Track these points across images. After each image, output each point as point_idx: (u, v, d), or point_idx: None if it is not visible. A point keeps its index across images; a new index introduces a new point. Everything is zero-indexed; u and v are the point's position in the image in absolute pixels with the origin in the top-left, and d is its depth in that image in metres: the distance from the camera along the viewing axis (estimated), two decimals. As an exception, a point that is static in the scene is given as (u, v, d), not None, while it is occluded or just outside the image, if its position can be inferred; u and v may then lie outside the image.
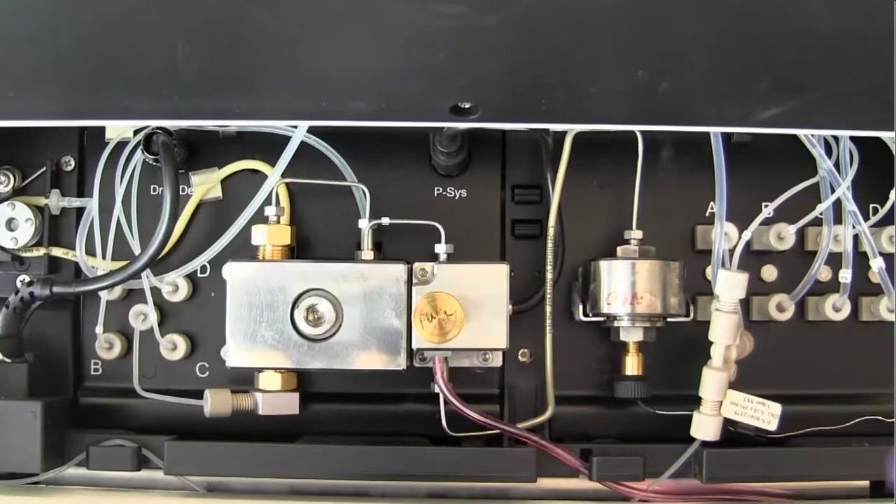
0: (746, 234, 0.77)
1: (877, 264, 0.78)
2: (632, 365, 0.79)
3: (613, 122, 0.73)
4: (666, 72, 0.66)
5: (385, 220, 0.78)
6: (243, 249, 0.79)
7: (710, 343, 0.76)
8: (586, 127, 0.77)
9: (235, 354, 0.75)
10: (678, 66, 0.66)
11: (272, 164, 0.79)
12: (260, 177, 0.81)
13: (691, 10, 0.62)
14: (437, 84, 0.67)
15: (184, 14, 0.62)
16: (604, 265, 0.78)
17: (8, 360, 0.77)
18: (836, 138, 0.79)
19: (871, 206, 0.83)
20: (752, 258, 0.82)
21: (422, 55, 0.65)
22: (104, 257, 0.81)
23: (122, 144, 0.81)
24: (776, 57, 0.65)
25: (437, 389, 0.75)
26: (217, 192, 0.82)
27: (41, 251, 0.82)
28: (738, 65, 0.66)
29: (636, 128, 0.78)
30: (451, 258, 0.77)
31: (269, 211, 0.78)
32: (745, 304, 0.81)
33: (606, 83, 0.68)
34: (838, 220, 0.80)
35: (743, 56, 0.65)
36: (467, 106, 0.68)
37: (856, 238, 0.80)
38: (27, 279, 0.80)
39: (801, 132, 0.77)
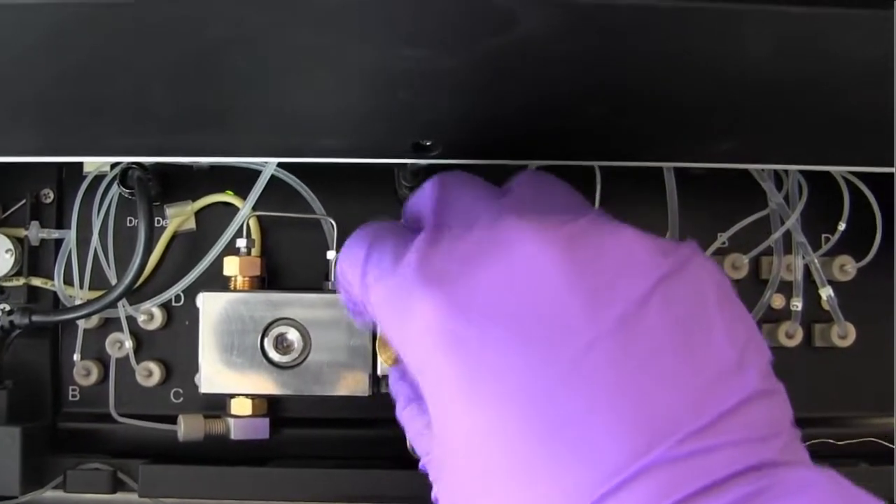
0: (700, 264, 0.80)
1: (825, 293, 0.82)
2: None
3: (571, 159, 0.75)
4: (621, 111, 0.69)
5: (351, 252, 0.80)
6: (216, 279, 0.81)
7: (665, 369, 0.78)
8: (544, 163, 0.80)
9: (208, 381, 0.78)
10: (631, 105, 0.69)
11: (244, 197, 0.82)
12: (232, 209, 0.83)
13: (649, 50, 0.65)
14: (398, 123, 0.70)
15: (159, 57, 0.65)
16: (563, 295, 0.80)
17: (-12, 387, 0.79)
18: (786, 172, 0.82)
19: (823, 235, 0.85)
20: (708, 286, 0.84)
21: (383, 95, 0.67)
22: (82, 287, 0.83)
23: (99, 178, 0.83)
24: (730, 96, 0.68)
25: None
26: (191, 224, 0.85)
27: (21, 281, 0.84)
28: (693, 103, 0.69)
29: (594, 163, 0.80)
30: (416, 288, 0.79)
31: (241, 243, 0.80)
32: (701, 331, 0.84)
33: (563, 121, 0.70)
34: (788, 250, 0.83)
35: (697, 97, 0.68)
36: (428, 143, 0.70)
37: (807, 267, 0.83)
38: (7, 308, 0.82)
39: (753, 167, 0.80)
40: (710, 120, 0.70)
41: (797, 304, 0.83)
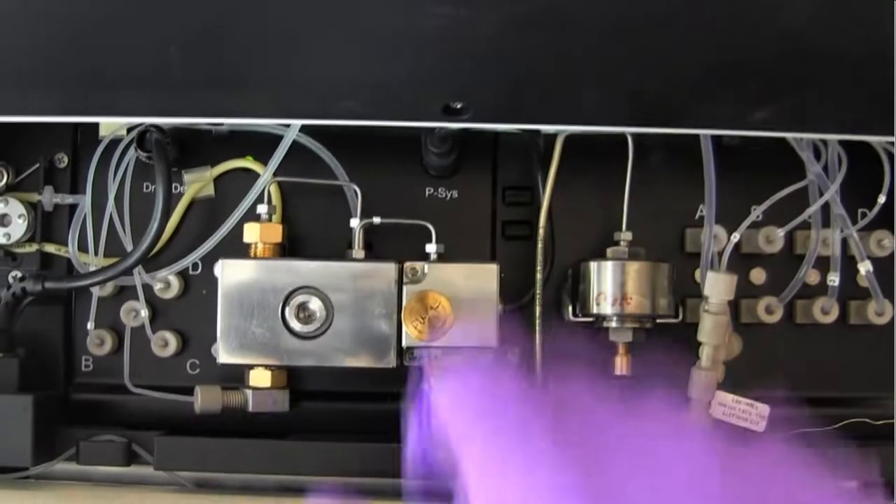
0: (735, 236, 0.78)
1: (864, 268, 0.79)
2: (621, 365, 0.79)
3: (605, 124, 0.73)
4: (657, 74, 0.67)
5: (376, 220, 0.78)
6: (235, 247, 0.79)
7: (699, 344, 0.76)
8: (577, 129, 0.78)
9: (226, 351, 0.76)
10: (669, 68, 0.67)
11: (264, 163, 0.79)
12: (252, 176, 0.81)
13: (684, 13, 0.63)
14: (428, 84, 0.68)
15: (176, 13, 0.63)
16: (593, 266, 0.78)
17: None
18: (824, 142, 0.80)
19: (860, 210, 0.83)
20: (742, 261, 0.82)
21: (414, 55, 0.65)
22: (96, 254, 0.81)
23: (115, 142, 0.81)
24: (767, 59, 0.66)
25: (427, 388, 0.75)
26: (209, 191, 0.83)
27: (33, 247, 0.82)
28: (730, 67, 0.67)
29: (627, 130, 0.78)
30: (442, 258, 0.77)
31: (261, 209, 0.78)
32: (734, 307, 0.81)
33: (598, 85, 0.68)
34: (826, 223, 0.80)
35: (735, 58, 0.66)
36: (459, 106, 0.68)
37: (844, 242, 0.81)
38: (19, 275, 0.80)
39: (791, 135, 0.78)
40: (747, 85, 0.68)
41: (834, 280, 0.80)
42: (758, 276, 0.83)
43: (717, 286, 0.75)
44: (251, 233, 0.77)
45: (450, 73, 0.67)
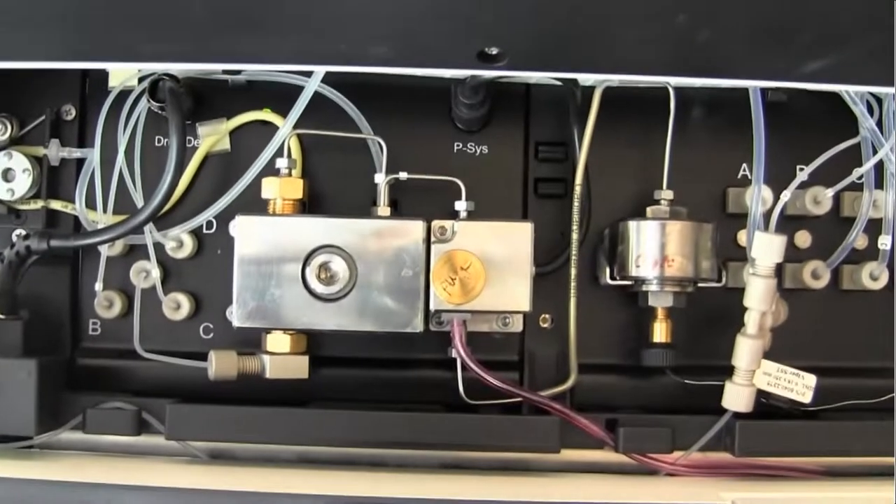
0: (785, 196, 0.75)
1: (919, 230, 0.75)
2: (660, 332, 0.75)
3: (649, 73, 0.69)
4: (704, 19, 0.63)
5: (403, 175, 0.74)
6: (252, 205, 0.75)
7: (744, 309, 0.72)
8: (618, 77, 0.74)
9: (242, 314, 0.71)
10: (717, 13, 0.63)
11: (283, 116, 0.76)
12: (270, 129, 0.77)
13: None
14: (462, 27, 0.63)
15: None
16: (633, 226, 0.74)
17: (2, 317, 0.74)
18: (878, 99, 0.76)
19: (913, 171, 0.79)
20: (786, 223, 0.78)
21: (447, -5, 0.61)
22: (105, 211, 0.77)
23: (125, 93, 0.77)
24: (820, 5, 0.62)
25: (454, 354, 0.72)
26: (225, 145, 0.79)
27: (39, 204, 0.78)
28: (781, 14, 0.62)
29: (671, 79, 0.74)
30: (472, 217, 0.73)
31: (281, 163, 0.74)
32: (779, 271, 0.77)
33: (642, 30, 0.64)
34: (879, 184, 0.76)
35: (786, 4, 0.62)
36: (495, 52, 0.64)
37: (892, 204, 0.77)
38: (23, 233, 0.76)
39: (844, 88, 0.74)
40: (800, 34, 0.64)
41: (886, 243, 0.76)
42: (803, 239, 0.79)
43: (765, 248, 0.71)
44: (270, 188, 0.73)
45: (485, 15, 0.62)
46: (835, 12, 0.62)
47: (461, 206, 0.73)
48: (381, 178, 0.74)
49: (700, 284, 0.75)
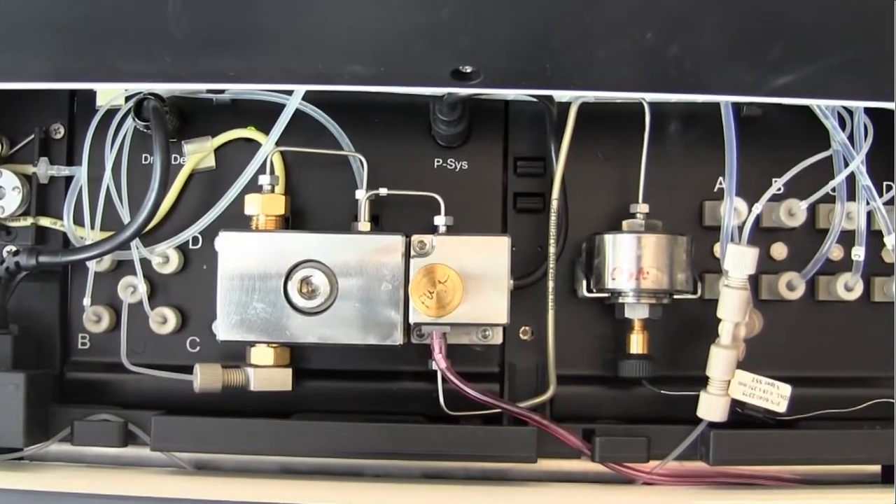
0: (757, 208, 0.75)
1: (891, 241, 0.76)
2: (637, 343, 0.76)
3: (621, 89, 0.70)
4: (675, 35, 0.64)
5: (383, 191, 0.76)
6: (237, 220, 0.76)
7: (718, 321, 0.73)
8: (592, 94, 0.75)
9: (226, 328, 0.73)
10: (688, 29, 0.64)
11: (267, 133, 0.77)
12: (254, 147, 0.78)
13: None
14: (437, 46, 0.65)
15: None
16: (609, 239, 0.75)
17: (-9, 331, 0.75)
18: (850, 111, 0.77)
19: (885, 183, 0.80)
20: (762, 235, 0.79)
21: (422, 14, 0.62)
22: (93, 227, 0.78)
23: (112, 112, 0.79)
24: (790, 20, 0.63)
25: (435, 366, 0.73)
26: (210, 162, 0.80)
27: (28, 221, 0.80)
28: (751, 29, 0.64)
29: (644, 95, 0.75)
30: (451, 231, 0.74)
31: (264, 180, 0.75)
32: (755, 283, 0.79)
33: (614, 46, 0.65)
34: (851, 196, 0.77)
35: (756, 19, 0.63)
36: (469, 70, 0.65)
37: (869, 215, 0.78)
38: (13, 249, 0.77)
39: (814, 102, 0.75)
40: (770, 49, 0.65)
41: (859, 254, 0.77)
42: (779, 251, 0.80)
43: (738, 260, 0.72)
44: (253, 204, 0.75)
45: (460, 33, 0.63)
46: (804, 27, 0.63)
47: (440, 220, 0.74)
48: (361, 194, 0.75)
49: (676, 296, 0.76)
